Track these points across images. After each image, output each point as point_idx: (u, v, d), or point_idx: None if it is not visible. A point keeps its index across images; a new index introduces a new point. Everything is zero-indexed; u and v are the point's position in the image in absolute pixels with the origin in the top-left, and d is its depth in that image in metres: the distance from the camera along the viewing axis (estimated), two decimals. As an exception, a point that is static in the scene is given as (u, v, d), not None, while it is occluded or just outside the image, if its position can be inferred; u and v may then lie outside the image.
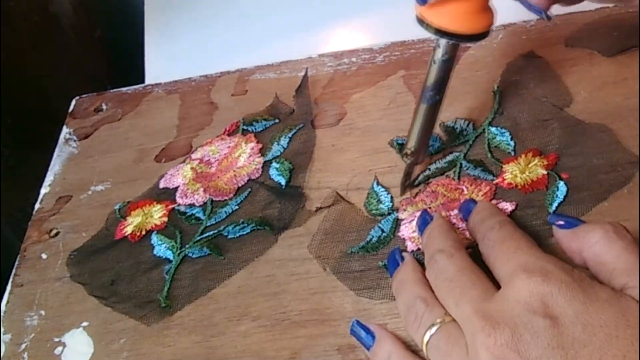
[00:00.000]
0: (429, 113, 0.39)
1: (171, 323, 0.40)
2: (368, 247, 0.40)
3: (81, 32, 0.73)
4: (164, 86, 0.55)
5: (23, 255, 0.46)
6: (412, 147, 0.40)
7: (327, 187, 0.44)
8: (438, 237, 0.36)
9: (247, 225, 0.43)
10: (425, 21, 0.35)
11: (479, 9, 0.35)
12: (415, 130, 0.40)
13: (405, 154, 0.41)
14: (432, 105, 0.39)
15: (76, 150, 0.53)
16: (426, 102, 0.39)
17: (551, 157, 0.41)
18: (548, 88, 0.44)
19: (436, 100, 0.39)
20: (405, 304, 0.35)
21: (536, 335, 0.29)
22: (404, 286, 0.36)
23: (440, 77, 0.38)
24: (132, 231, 0.45)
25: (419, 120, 0.39)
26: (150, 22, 0.66)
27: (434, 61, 0.37)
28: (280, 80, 0.52)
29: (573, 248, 0.33)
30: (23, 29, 0.68)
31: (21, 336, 0.42)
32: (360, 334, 0.35)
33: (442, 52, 0.37)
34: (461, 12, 0.34)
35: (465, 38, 0.35)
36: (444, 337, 0.32)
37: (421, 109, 0.39)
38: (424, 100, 0.39)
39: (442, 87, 0.38)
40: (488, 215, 0.37)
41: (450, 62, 0.37)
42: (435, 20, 0.35)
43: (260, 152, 0.47)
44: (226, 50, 0.61)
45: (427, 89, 0.38)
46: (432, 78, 0.38)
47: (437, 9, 0.35)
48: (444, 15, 0.35)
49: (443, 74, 0.38)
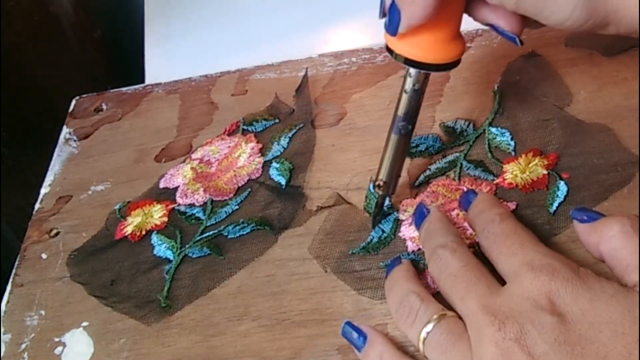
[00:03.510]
0: (400, 144, 0.38)
1: (171, 323, 0.40)
2: (369, 247, 0.40)
3: (81, 32, 0.73)
4: (164, 86, 0.55)
5: (23, 255, 0.46)
6: (383, 179, 0.39)
7: (327, 187, 0.44)
8: (438, 231, 0.36)
9: (247, 225, 0.43)
10: (395, 51, 0.34)
11: (449, 38, 0.34)
12: (387, 161, 0.38)
13: (377, 185, 0.39)
14: (404, 136, 0.37)
15: (76, 150, 0.53)
16: (397, 132, 0.37)
17: (551, 157, 0.41)
18: (548, 88, 0.44)
19: (408, 130, 0.37)
20: (397, 299, 0.35)
21: (543, 331, 0.29)
22: (396, 283, 0.36)
23: (411, 107, 0.36)
24: (132, 231, 0.45)
25: (390, 151, 0.38)
26: (150, 22, 0.66)
27: (405, 91, 0.36)
28: (280, 80, 0.52)
29: (591, 242, 0.34)
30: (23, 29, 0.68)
31: (21, 336, 0.42)
32: (352, 336, 0.35)
33: (413, 82, 0.35)
34: (431, 42, 0.33)
35: (436, 67, 0.34)
36: (445, 332, 0.32)
37: (392, 139, 0.38)
38: (395, 131, 0.37)
39: (413, 117, 0.37)
40: (488, 207, 0.37)
41: (421, 91, 0.36)
42: (405, 50, 0.34)
43: (260, 152, 0.47)
44: (226, 50, 0.61)
45: (398, 119, 0.37)
46: (403, 108, 0.36)
47: (406, 39, 0.33)
48: (414, 45, 0.34)
49: (414, 104, 0.36)
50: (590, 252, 0.34)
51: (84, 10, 0.73)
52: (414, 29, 0.32)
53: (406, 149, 0.39)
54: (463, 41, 0.35)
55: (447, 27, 0.34)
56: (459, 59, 0.35)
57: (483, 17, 0.33)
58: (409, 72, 0.35)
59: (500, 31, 0.33)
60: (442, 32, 0.33)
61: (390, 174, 0.39)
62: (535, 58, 0.46)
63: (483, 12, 0.33)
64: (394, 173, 0.39)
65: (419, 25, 0.32)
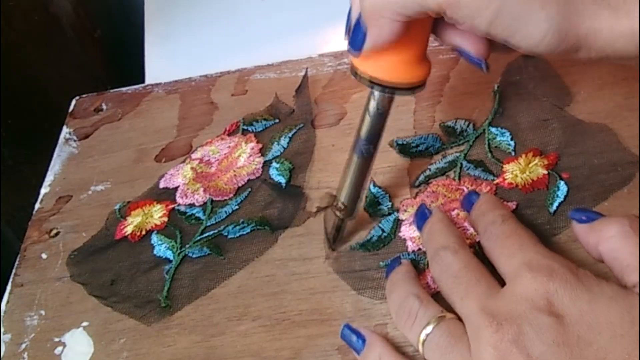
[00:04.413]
0: (362, 166, 0.37)
1: (171, 323, 0.40)
2: (368, 245, 0.40)
3: (81, 32, 0.73)
4: (164, 86, 0.55)
5: (23, 255, 0.46)
6: (343, 201, 0.38)
7: (327, 187, 0.44)
8: (440, 232, 0.36)
9: (247, 225, 0.43)
10: (359, 71, 0.34)
11: (415, 59, 0.33)
12: (347, 183, 0.37)
13: (338, 208, 0.38)
14: (366, 158, 0.36)
15: (76, 150, 0.53)
16: (359, 153, 0.36)
17: (551, 156, 0.41)
18: (548, 88, 0.44)
19: (370, 152, 0.36)
20: (397, 301, 0.35)
21: (541, 332, 0.29)
22: (396, 284, 0.36)
23: (374, 129, 0.36)
24: (132, 231, 0.45)
25: (350, 173, 0.37)
26: (150, 22, 0.66)
27: (368, 112, 0.35)
28: (280, 80, 0.52)
29: (590, 242, 0.34)
30: (23, 28, 0.68)
31: (21, 336, 0.42)
32: (351, 338, 0.35)
33: (377, 104, 0.35)
34: (396, 62, 0.33)
35: (401, 89, 0.33)
36: (444, 334, 0.32)
37: (353, 161, 0.37)
38: (357, 152, 0.36)
39: (376, 138, 0.36)
40: (490, 208, 0.37)
41: (386, 114, 0.35)
42: (369, 70, 0.33)
43: (260, 152, 0.47)
44: (226, 50, 0.61)
45: (360, 141, 0.36)
46: (366, 130, 0.36)
47: (371, 60, 0.33)
48: (378, 65, 0.33)
49: (378, 126, 0.36)
50: (589, 253, 0.34)
51: (84, 10, 0.73)
52: (379, 49, 0.32)
53: (367, 170, 0.37)
54: (429, 63, 0.34)
55: (414, 49, 0.33)
56: (424, 82, 0.34)
57: (450, 40, 0.33)
58: (373, 93, 0.35)
59: (467, 55, 0.33)
60: (407, 54, 0.33)
61: (351, 196, 0.38)
62: (535, 58, 0.46)
63: (450, 35, 0.33)
64: (354, 196, 0.38)
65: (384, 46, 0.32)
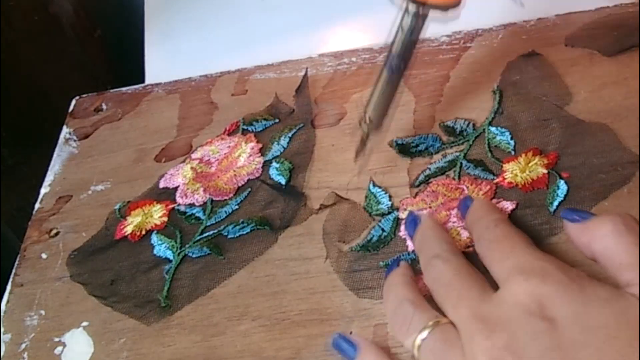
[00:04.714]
0: (391, 81, 0.37)
1: (171, 323, 0.40)
2: (369, 246, 0.40)
3: (81, 32, 0.73)
4: (164, 86, 0.55)
5: (23, 255, 0.46)
6: (369, 115, 0.39)
7: (327, 187, 0.44)
8: (432, 240, 0.36)
9: (247, 225, 0.43)
10: None
11: None
12: (375, 97, 0.38)
13: (365, 121, 0.39)
14: (395, 73, 0.37)
15: (76, 150, 0.53)
16: (389, 69, 0.37)
17: (551, 156, 0.41)
18: (548, 87, 0.44)
19: (400, 68, 0.37)
20: (392, 307, 0.34)
21: (534, 337, 0.28)
22: (391, 289, 0.35)
23: (406, 45, 0.36)
24: (132, 231, 0.45)
25: (379, 87, 0.38)
26: (150, 22, 0.66)
27: (401, 27, 0.35)
28: (280, 80, 0.52)
29: (583, 241, 0.33)
30: (23, 28, 0.68)
31: (21, 336, 0.42)
32: (343, 346, 0.35)
33: (412, 19, 0.35)
34: None
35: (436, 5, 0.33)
36: (439, 340, 0.31)
37: (383, 76, 0.37)
38: (387, 67, 0.37)
39: (407, 54, 0.36)
40: (484, 214, 0.36)
41: (418, 30, 0.35)
42: None
43: (260, 152, 0.47)
44: (226, 50, 0.61)
45: (391, 56, 0.36)
46: (398, 45, 0.36)
47: None
48: None
49: (410, 42, 0.36)
50: (583, 253, 0.34)
51: (84, 10, 0.73)
52: None
53: (396, 86, 0.38)
54: None
55: None
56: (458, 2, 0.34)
57: None
58: (408, 9, 0.35)
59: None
60: None
61: (378, 110, 0.39)
62: (535, 58, 0.46)
63: None
64: (381, 110, 0.39)
65: None
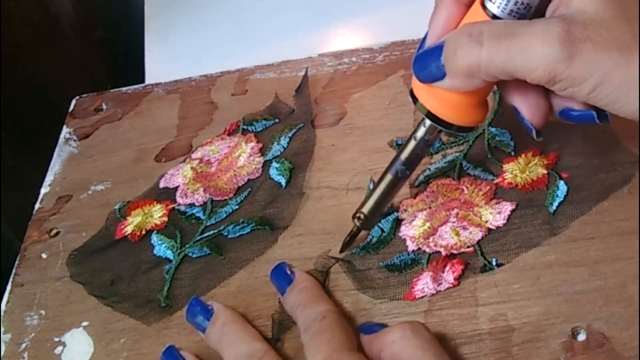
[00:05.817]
0: (392, 186, 0.38)
1: (171, 323, 0.40)
2: (369, 247, 0.40)
3: (81, 32, 0.73)
4: (164, 86, 0.55)
5: (23, 255, 0.46)
6: (365, 212, 0.38)
7: (327, 187, 0.44)
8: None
9: (247, 225, 0.43)
10: (419, 100, 0.34)
11: (478, 103, 0.33)
12: (374, 198, 0.38)
13: (357, 217, 0.39)
14: (399, 179, 0.37)
15: (76, 150, 0.53)
16: (394, 173, 0.37)
17: (551, 156, 0.41)
18: (548, 88, 0.44)
19: (405, 175, 0.37)
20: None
21: None
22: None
23: (415, 155, 0.36)
24: (132, 231, 0.45)
25: (381, 189, 0.38)
26: (150, 22, 0.66)
27: (415, 137, 0.36)
28: (280, 80, 0.52)
29: (374, 350, 0.33)
30: (23, 29, 0.68)
31: (21, 336, 0.42)
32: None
33: (426, 133, 0.35)
34: (459, 103, 0.33)
35: (454, 128, 0.34)
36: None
37: (387, 179, 0.37)
38: (392, 172, 0.37)
39: (414, 164, 0.37)
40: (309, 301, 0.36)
41: (431, 144, 0.36)
42: (430, 103, 0.33)
43: (260, 152, 0.47)
44: (226, 50, 0.61)
45: (398, 161, 0.37)
46: (407, 154, 0.36)
47: (433, 91, 0.33)
48: (440, 100, 0.33)
49: (419, 153, 0.36)
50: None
51: (84, 10, 0.73)
52: None
53: (395, 191, 0.38)
54: (487, 107, 0.34)
55: (480, 95, 0.33)
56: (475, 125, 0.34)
57: (509, 99, 0.33)
58: (425, 122, 0.35)
59: (521, 117, 0.33)
60: (473, 98, 0.33)
61: (374, 210, 0.38)
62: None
63: (512, 94, 0.33)
64: (376, 210, 0.38)
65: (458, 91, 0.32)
